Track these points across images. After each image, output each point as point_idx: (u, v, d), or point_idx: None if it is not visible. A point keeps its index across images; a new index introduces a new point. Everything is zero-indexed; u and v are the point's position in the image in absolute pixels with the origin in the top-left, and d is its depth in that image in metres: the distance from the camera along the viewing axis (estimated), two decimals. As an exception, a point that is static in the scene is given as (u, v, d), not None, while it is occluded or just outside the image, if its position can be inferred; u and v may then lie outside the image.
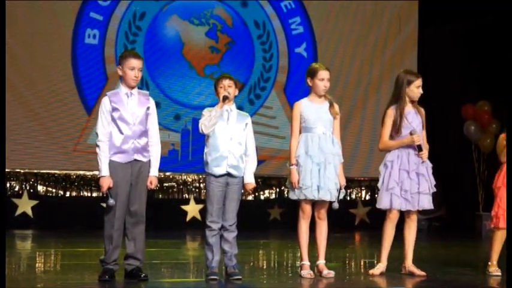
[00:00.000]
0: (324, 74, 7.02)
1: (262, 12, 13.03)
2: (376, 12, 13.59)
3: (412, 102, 7.26)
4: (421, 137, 7.16)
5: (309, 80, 7.05)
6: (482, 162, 13.00)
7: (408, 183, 7.10)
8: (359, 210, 13.18)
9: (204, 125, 6.64)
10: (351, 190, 13.25)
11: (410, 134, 7.08)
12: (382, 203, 7.17)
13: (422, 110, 7.34)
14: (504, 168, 7.42)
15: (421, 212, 7.58)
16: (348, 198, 13.03)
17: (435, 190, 7.31)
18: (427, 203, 7.20)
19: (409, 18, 13.78)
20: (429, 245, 10.95)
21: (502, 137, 7.51)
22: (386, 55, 13.55)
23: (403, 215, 7.23)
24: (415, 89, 7.22)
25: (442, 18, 13.81)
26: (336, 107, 7.09)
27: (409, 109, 7.22)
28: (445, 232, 13.02)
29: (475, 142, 13.17)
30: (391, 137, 7.21)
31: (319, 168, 6.90)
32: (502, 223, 7.34)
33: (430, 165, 7.24)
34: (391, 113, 7.21)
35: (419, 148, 7.09)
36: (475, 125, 13.19)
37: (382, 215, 7.24)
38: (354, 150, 12.82)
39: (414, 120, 7.20)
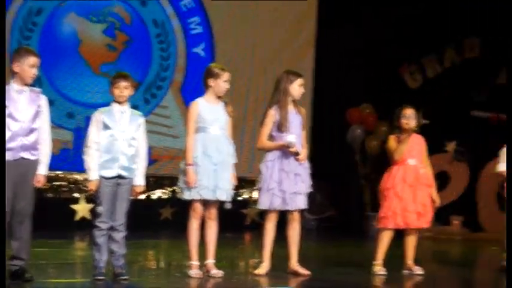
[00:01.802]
0: (227, 75, 7.11)
1: (162, 11, 12.99)
2: (275, 13, 13.68)
3: (293, 102, 7.40)
4: (298, 142, 7.29)
5: (210, 81, 7.09)
6: (368, 164, 13.34)
7: (287, 183, 7.22)
8: (250, 210, 13.28)
9: None
10: (243, 190, 13.35)
11: (287, 147, 7.20)
12: (262, 203, 7.29)
13: (303, 110, 7.48)
14: (393, 169, 7.65)
15: (310, 212, 7.75)
16: (240, 198, 13.13)
17: (312, 191, 7.47)
18: (303, 203, 7.34)
19: (307, 20, 13.94)
20: (317, 244, 11.16)
21: (392, 137, 7.74)
22: (285, 56, 13.66)
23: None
24: (297, 88, 7.36)
25: (338, 20, 14.07)
26: (231, 107, 7.18)
27: (290, 109, 7.35)
28: (334, 232, 13.17)
29: (360, 144, 13.48)
30: (272, 137, 7.33)
31: (216, 169, 6.98)
32: (390, 224, 7.57)
33: (307, 165, 7.38)
34: (272, 112, 7.33)
35: (296, 153, 7.23)
36: (361, 128, 13.50)
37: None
38: (247, 150, 12.90)
39: (294, 120, 7.33)
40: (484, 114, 13.25)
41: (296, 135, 7.29)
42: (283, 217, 7.38)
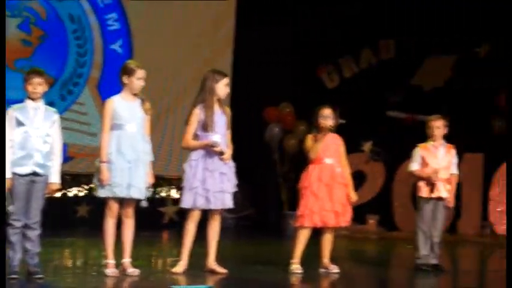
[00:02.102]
0: (141, 73, 7.05)
1: (78, 7, 12.81)
2: (193, 11, 13.65)
3: (218, 101, 7.40)
4: (223, 142, 7.29)
5: (125, 78, 7.04)
6: (287, 162, 13.41)
7: (211, 182, 7.22)
8: (168, 208, 13.21)
9: None
10: (161, 189, 13.28)
11: (212, 146, 7.20)
12: (185, 202, 7.28)
13: (228, 110, 7.49)
14: (309, 168, 7.71)
15: (228, 211, 7.75)
16: (158, 196, 13.06)
17: (236, 190, 7.48)
18: (229, 202, 7.35)
19: (226, 19, 13.95)
20: (235, 243, 11.18)
21: (310, 137, 7.80)
22: (202, 55, 13.66)
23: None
24: (223, 88, 7.36)
25: (258, 19, 14.12)
26: (148, 104, 7.12)
27: (216, 108, 7.35)
28: (252, 231, 13.26)
29: (278, 143, 13.54)
30: (197, 136, 7.32)
31: (130, 166, 6.92)
32: (308, 222, 7.62)
33: (233, 164, 7.40)
34: (197, 112, 7.32)
35: (220, 153, 7.24)
36: (279, 127, 13.58)
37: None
38: (165, 148, 12.84)
39: (219, 120, 7.33)
40: (400, 115, 13.47)
41: (221, 134, 7.30)
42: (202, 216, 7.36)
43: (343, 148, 7.91)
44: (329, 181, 7.66)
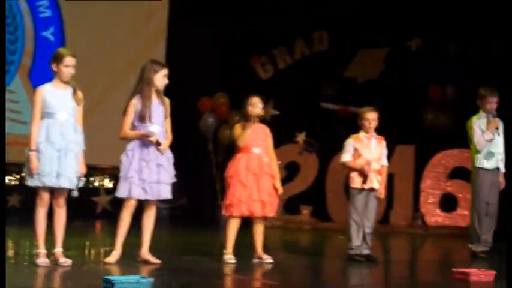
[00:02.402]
0: (69, 60, 6.95)
1: (9, -6, 12.62)
2: (126, 1, 13.54)
3: (157, 92, 7.35)
4: (161, 133, 7.24)
5: (54, 66, 6.96)
6: (221, 153, 13.40)
7: (147, 172, 7.18)
8: (101, 198, 13.10)
9: None
10: (94, 178, 13.16)
11: (147, 136, 7.15)
12: (121, 191, 7.22)
13: (167, 101, 7.45)
14: (237, 157, 7.69)
15: (162, 201, 7.70)
16: (91, 186, 12.93)
17: (175, 180, 7.45)
18: (166, 193, 7.32)
19: (159, 9, 13.85)
20: (169, 233, 11.15)
21: (238, 125, 7.78)
22: (135, 44, 13.55)
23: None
24: (161, 79, 7.32)
25: (192, 10, 14.06)
26: (80, 94, 7.04)
27: (154, 99, 7.31)
28: (186, 221, 13.25)
29: (213, 133, 13.53)
30: (135, 127, 7.27)
31: (60, 156, 6.83)
32: (236, 211, 7.61)
33: (170, 155, 7.37)
34: (134, 102, 7.27)
35: (157, 143, 7.19)
36: (213, 117, 13.56)
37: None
38: (98, 137, 12.69)
39: (157, 110, 7.29)
40: (333, 106, 13.56)
41: (159, 125, 7.26)
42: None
43: (270, 139, 7.90)
44: (256, 170, 7.65)
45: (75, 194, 6.93)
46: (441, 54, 12.97)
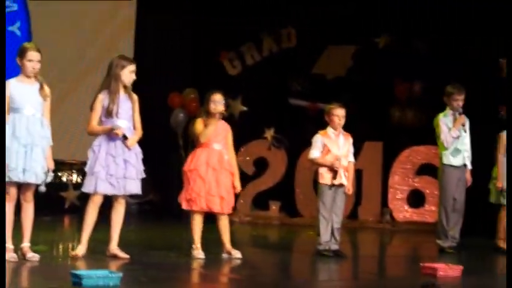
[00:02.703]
0: (32, 55, 6.90)
1: (-25, -12, 12.45)
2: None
3: (124, 87, 7.33)
4: (128, 128, 7.22)
5: (18, 60, 6.94)
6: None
7: (114, 168, 7.15)
8: (69, 193, 13.01)
9: None
10: (62, 173, 13.07)
11: (112, 129, 7.12)
12: (87, 186, 7.20)
13: (135, 96, 7.43)
14: (197, 151, 7.67)
15: (131, 196, 7.68)
16: (59, 181, 12.84)
17: (144, 176, 7.43)
18: (134, 188, 7.30)
19: (127, 2, 13.77)
20: (138, 228, 11.12)
21: (199, 120, 7.74)
22: (103, 39, 13.47)
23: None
24: (128, 74, 7.30)
25: (160, 6, 14.02)
26: (47, 89, 6.99)
27: (121, 94, 7.28)
28: (155, 216, 13.22)
29: (183, 129, 13.49)
30: (102, 122, 7.24)
31: (26, 150, 6.78)
32: (195, 206, 7.59)
33: (139, 151, 7.35)
34: (101, 97, 7.24)
35: (124, 137, 7.16)
36: (183, 113, 13.53)
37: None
38: (66, 132, 12.62)
39: (125, 106, 7.26)
40: (302, 103, 13.59)
41: (126, 120, 7.23)
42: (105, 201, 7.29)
43: (231, 136, 7.88)
44: (217, 166, 7.63)
45: (42, 189, 6.89)
46: (408, 51, 13.05)
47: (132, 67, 7.33)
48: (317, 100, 13.19)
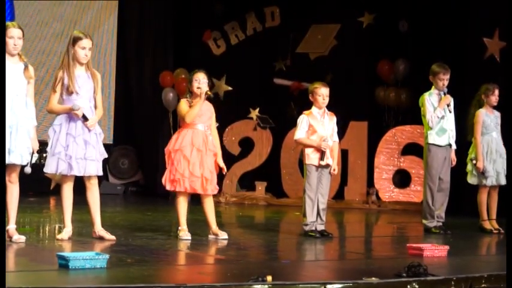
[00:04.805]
0: (12, 31, 6.80)
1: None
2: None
3: (86, 65, 7.21)
4: (89, 108, 7.13)
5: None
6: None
7: (73, 148, 7.07)
8: (54, 174, 12.91)
9: None
10: (47, 154, 12.98)
11: (72, 109, 7.04)
12: (49, 167, 7.13)
13: (98, 75, 7.29)
14: (182, 132, 7.63)
15: (117, 177, 7.64)
16: (43, 162, 12.77)
17: (106, 156, 7.38)
18: (94, 169, 7.20)
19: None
20: (124, 209, 11.07)
21: (184, 101, 7.68)
22: (87, 18, 13.40)
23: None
24: (80, 50, 7.16)
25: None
26: (31, 69, 6.92)
27: (81, 72, 7.17)
28: (141, 197, 13.19)
29: (173, 108, 13.45)
30: (63, 100, 7.13)
31: (11, 131, 6.72)
32: (179, 187, 7.56)
33: (99, 132, 7.25)
34: (60, 75, 7.11)
35: (84, 118, 7.07)
36: (173, 92, 13.49)
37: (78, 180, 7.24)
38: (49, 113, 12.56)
39: (86, 84, 7.15)
40: (286, 82, 13.57)
41: (87, 99, 7.15)
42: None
43: (214, 117, 7.85)
44: (201, 147, 7.57)
45: (28, 170, 6.84)
46: (392, 30, 13.04)
47: (83, 43, 7.13)
48: (301, 80, 13.19)
